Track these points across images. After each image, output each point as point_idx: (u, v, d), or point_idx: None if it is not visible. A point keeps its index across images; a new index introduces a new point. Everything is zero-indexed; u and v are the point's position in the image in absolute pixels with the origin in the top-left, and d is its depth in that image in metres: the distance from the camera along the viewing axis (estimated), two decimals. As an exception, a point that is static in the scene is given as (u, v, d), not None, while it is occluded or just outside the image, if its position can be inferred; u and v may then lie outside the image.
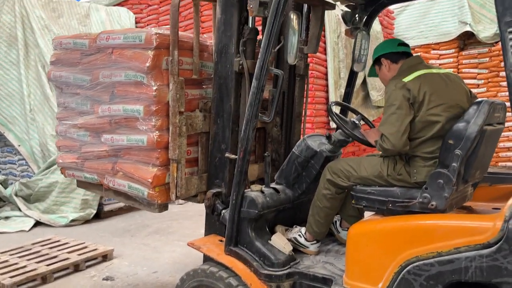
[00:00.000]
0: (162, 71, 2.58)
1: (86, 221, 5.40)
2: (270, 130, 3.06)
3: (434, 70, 2.25)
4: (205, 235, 2.74)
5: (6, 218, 5.36)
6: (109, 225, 5.34)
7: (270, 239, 2.44)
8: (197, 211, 5.70)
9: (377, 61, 2.42)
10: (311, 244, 2.47)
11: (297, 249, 2.50)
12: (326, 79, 6.60)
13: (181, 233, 4.90)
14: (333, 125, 6.21)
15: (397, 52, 2.36)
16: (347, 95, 3.02)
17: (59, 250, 4.11)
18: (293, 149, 2.66)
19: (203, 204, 2.71)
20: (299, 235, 2.49)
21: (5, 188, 5.76)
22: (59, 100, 3.22)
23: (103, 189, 3.04)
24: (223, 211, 2.57)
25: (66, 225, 5.22)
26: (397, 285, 1.87)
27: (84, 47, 2.91)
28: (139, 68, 2.57)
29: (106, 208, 5.60)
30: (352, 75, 3.00)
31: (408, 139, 2.11)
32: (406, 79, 2.15)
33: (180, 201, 6.15)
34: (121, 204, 5.73)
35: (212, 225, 2.72)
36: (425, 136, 2.10)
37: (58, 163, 3.29)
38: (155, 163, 2.64)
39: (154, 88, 2.56)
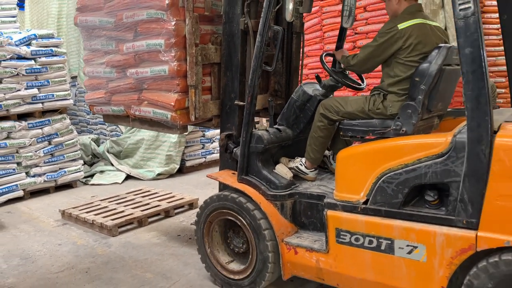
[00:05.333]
0: (179, 8, 3.05)
1: (171, 175, 5.92)
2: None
3: (428, 21, 2.58)
4: (220, 170, 3.27)
5: (101, 172, 5.97)
6: (191, 178, 5.85)
7: (274, 169, 2.96)
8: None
9: None
10: (310, 171, 2.97)
11: (298, 176, 3.02)
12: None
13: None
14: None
15: None
16: (338, 50, 3.45)
17: (150, 199, 4.61)
18: (292, 95, 3.14)
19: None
20: (300, 164, 2.99)
21: (98, 146, 6.37)
22: (85, 44, 3.64)
23: (129, 120, 3.51)
24: (235, 149, 3.09)
25: (153, 179, 5.77)
26: (375, 192, 2.39)
27: None
28: (159, 6, 3.04)
29: (188, 164, 6.14)
30: (342, 31, 3.42)
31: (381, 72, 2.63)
32: (401, 25, 2.49)
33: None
34: (201, 160, 6.26)
35: (225, 162, 3.24)
36: (402, 76, 2.54)
37: (87, 101, 3.72)
38: (176, 90, 3.12)
39: (173, 23, 3.02)
